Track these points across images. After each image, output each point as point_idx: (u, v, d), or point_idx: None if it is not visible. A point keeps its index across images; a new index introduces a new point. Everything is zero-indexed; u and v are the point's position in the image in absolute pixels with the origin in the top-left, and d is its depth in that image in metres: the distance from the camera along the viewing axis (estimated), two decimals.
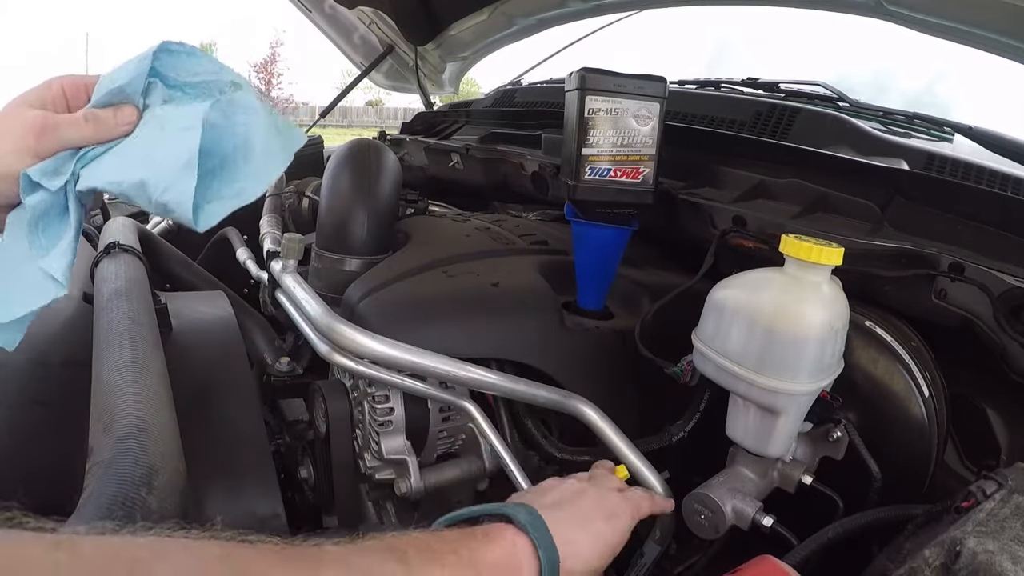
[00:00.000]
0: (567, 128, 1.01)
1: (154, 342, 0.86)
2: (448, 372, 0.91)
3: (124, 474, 0.57)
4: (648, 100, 0.99)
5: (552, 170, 1.40)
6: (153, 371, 0.78)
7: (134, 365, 0.76)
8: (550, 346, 1.02)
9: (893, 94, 1.59)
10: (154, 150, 0.61)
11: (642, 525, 0.99)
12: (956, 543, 0.54)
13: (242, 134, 0.63)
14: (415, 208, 1.41)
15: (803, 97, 1.44)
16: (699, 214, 1.11)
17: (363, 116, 29.42)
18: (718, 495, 0.83)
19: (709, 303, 0.85)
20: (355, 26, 2.37)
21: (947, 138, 1.28)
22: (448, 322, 0.99)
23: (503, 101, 1.99)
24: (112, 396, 0.70)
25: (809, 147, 1.11)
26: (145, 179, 0.59)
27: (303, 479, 1.20)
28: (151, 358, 0.80)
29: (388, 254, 1.16)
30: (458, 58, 2.43)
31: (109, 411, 0.67)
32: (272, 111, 0.66)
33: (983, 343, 0.85)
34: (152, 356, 0.81)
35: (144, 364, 0.78)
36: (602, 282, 1.09)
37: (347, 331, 0.90)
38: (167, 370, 0.84)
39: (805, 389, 0.78)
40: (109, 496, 0.54)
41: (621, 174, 1.00)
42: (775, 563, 0.64)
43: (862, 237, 0.93)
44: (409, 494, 0.98)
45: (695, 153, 1.24)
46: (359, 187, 1.15)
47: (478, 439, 1.02)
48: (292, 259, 1.14)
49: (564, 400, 0.95)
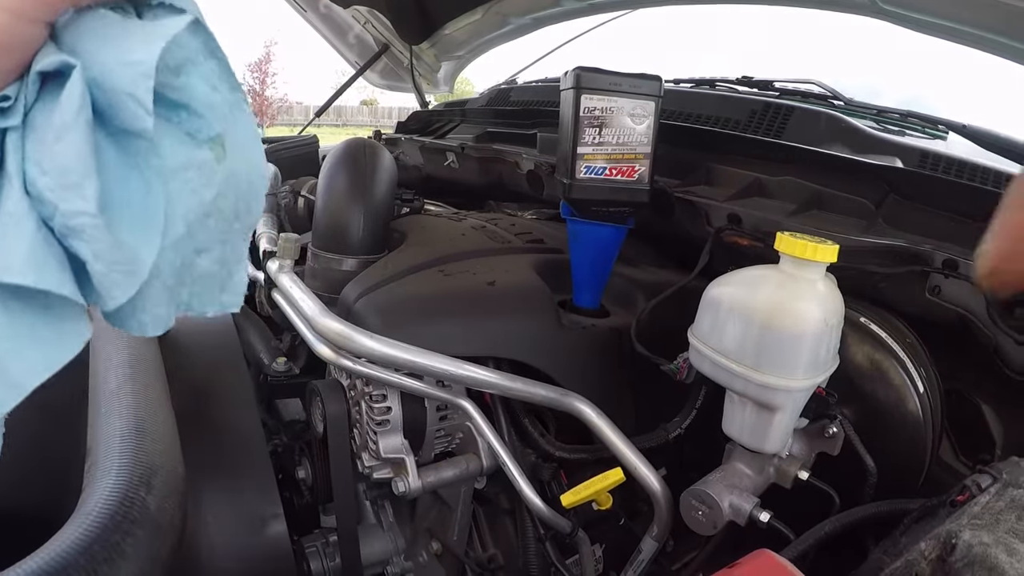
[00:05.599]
0: (562, 127, 1.02)
1: (151, 343, 0.86)
2: (445, 371, 0.91)
3: (123, 474, 0.57)
4: (643, 99, 0.99)
5: (548, 169, 1.40)
6: (150, 372, 0.78)
7: (131, 366, 0.76)
8: (547, 344, 1.02)
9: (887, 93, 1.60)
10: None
11: (640, 523, 0.99)
12: (952, 536, 0.55)
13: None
14: (411, 207, 1.42)
15: (798, 95, 1.44)
16: (694, 212, 1.12)
17: (358, 115, 29.37)
18: (715, 491, 0.83)
19: (705, 300, 0.86)
20: (350, 25, 2.37)
21: (941, 136, 1.29)
22: (445, 321, 0.99)
23: (498, 100, 1.99)
24: (110, 397, 0.70)
25: (804, 145, 1.11)
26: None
27: (301, 479, 1.20)
28: (148, 359, 0.80)
29: (384, 253, 1.16)
30: (453, 57, 2.43)
31: (107, 412, 0.67)
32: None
33: (977, 339, 0.85)
34: (149, 357, 0.81)
35: (141, 365, 0.78)
36: (598, 280, 1.09)
37: (344, 330, 0.91)
38: (164, 371, 0.84)
39: (801, 385, 0.78)
40: (108, 496, 0.54)
41: (616, 172, 1.01)
42: (772, 558, 0.65)
43: (857, 234, 0.93)
44: (407, 493, 0.98)
45: (690, 151, 1.25)
46: (355, 187, 1.15)
47: (476, 437, 1.02)
48: (288, 259, 1.14)
49: (561, 398, 0.95)
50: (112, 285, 0.31)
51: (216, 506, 0.93)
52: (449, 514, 1.09)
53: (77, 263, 0.30)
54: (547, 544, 1.00)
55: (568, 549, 1.03)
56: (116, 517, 0.54)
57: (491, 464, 1.02)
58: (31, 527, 0.56)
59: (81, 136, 0.29)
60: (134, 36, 0.31)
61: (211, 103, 0.33)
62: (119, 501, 0.54)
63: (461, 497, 1.07)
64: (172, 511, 0.60)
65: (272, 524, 0.97)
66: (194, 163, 0.32)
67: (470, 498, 1.08)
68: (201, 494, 0.90)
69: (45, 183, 0.28)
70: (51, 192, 0.28)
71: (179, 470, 0.67)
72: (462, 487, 1.07)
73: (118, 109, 0.30)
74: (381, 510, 1.23)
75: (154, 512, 0.57)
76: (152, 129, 0.30)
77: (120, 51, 0.30)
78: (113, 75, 0.30)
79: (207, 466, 0.93)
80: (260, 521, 0.97)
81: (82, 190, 0.29)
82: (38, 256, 0.29)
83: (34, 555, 0.52)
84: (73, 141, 0.29)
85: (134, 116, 0.30)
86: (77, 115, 0.29)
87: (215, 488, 0.94)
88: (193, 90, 0.32)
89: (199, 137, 0.33)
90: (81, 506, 0.54)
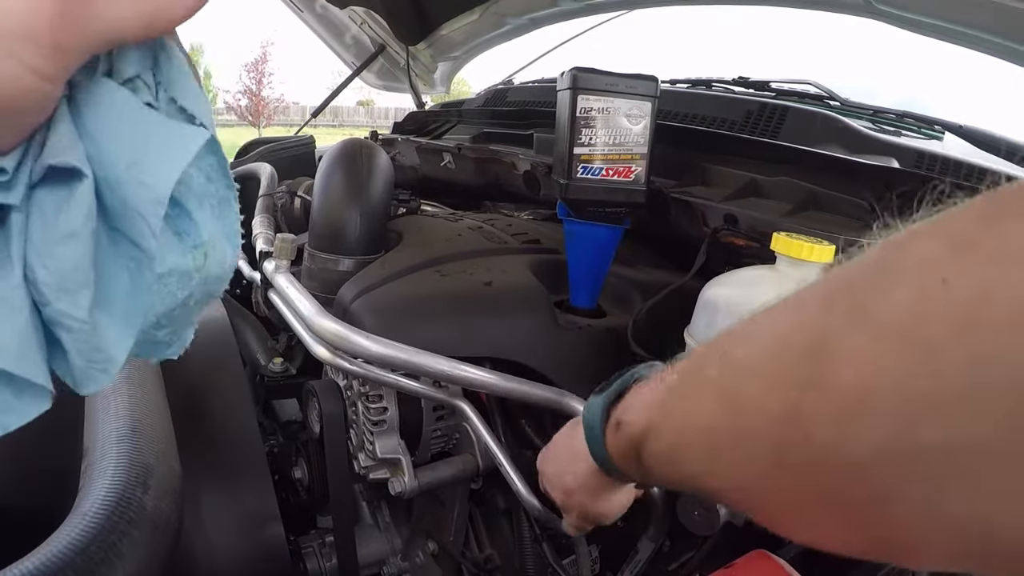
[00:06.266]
0: (559, 127, 1.02)
1: None
2: (442, 371, 0.91)
3: (119, 474, 0.57)
4: (640, 99, 0.99)
5: (544, 169, 1.40)
6: (146, 373, 0.78)
7: (127, 367, 0.76)
8: (543, 345, 1.02)
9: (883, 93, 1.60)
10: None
11: (637, 522, 0.99)
12: None
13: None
14: (407, 208, 1.42)
15: (794, 96, 1.45)
16: (691, 212, 1.12)
17: (354, 116, 29.38)
18: None
19: (701, 301, 0.86)
20: (346, 26, 2.37)
21: (937, 136, 1.29)
22: (441, 321, 0.99)
23: (495, 100, 1.99)
24: (106, 397, 0.70)
25: (800, 146, 1.12)
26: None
27: (297, 480, 1.20)
28: (145, 360, 0.80)
29: (381, 254, 1.16)
30: (449, 58, 2.43)
31: (103, 412, 0.67)
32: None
33: None
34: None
35: (137, 366, 0.78)
36: (594, 280, 1.09)
37: (341, 331, 0.91)
38: (160, 371, 0.84)
39: None
40: (104, 496, 0.54)
41: (613, 173, 1.01)
42: (769, 558, 0.65)
43: (853, 235, 0.93)
44: (403, 493, 0.98)
45: (686, 152, 1.25)
46: (351, 187, 1.15)
47: (472, 438, 1.02)
48: (285, 259, 1.14)
49: (558, 398, 0.95)
50: (87, 379, 0.32)
51: (213, 506, 0.92)
52: (446, 514, 1.09)
53: (57, 343, 0.31)
54: (544, 544, 1.00)
55: (565, 549, 1.03)
56: (113, 517, 0.54)
57: (488, 464, 1.02)
58: (28, 527, 0.56)
59: (84, 245, 0.29)
60: (151, 141, 0.30)
61: (203, 196, 0.33)
62: (116, 501, 0.54)
63: (458, 497, 1.07)
64: (168, 511, 0.60)
65: (268, 524, 0.97)
66: (177, 270, 0.32)
67: (467, 498, 1.08)
68: (198, 494, 0.90)
69: (43, 277, 0.28)
70: (47, 288, 0.28)
71: (176, 470, 0.67)
72: (458, 487, 1.07)
73: (124, 219, 0.30)
74: (378, 510, 1.23)
75: (151, 512, 0.57)
76: (153, 247, 0.30)
77: (136, 161, 0.29)
78: (126, 189, 0.29)
79: (203, 466, 0.93)
80: (256, 521, 0.97)
81: (77, 298, 0.29)
82: (25, 344, 0.29)
83: (31, 555, 0.52)
84: (76, 248, 0.28)
85: (139, 233, 0.30)
86: (84, 224, 0.28)
87: (212, 488, 0.94)
88: (191, 183, 0.32)
89: (186, 242, 0.33)
90: (78, 506, 0.54)
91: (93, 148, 0.29)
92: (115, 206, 0.30)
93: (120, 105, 0.30)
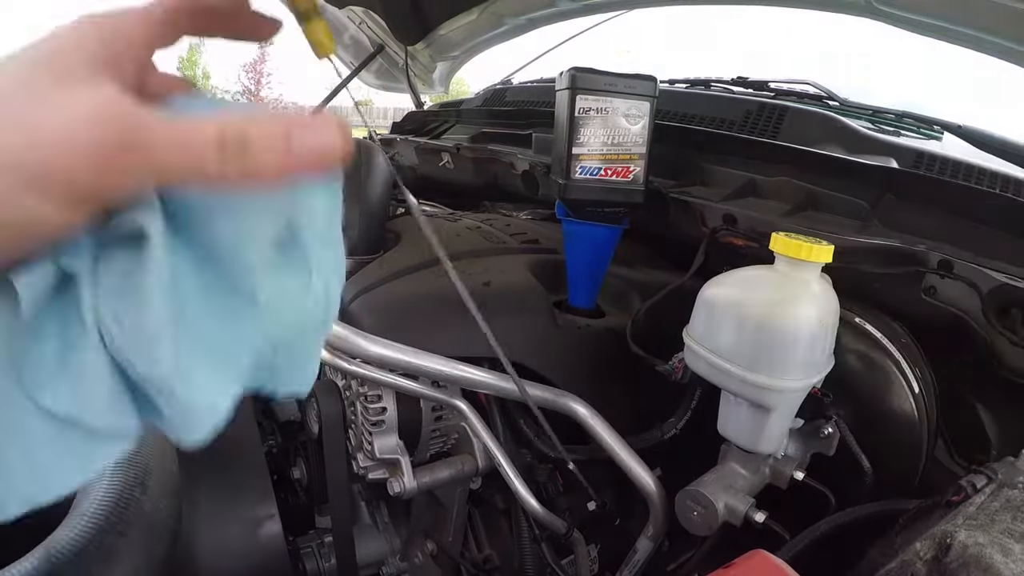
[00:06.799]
0: (558, 127, 1.02)
1: None
2: (440, 371, 0.91)
3: (117, 475, 0.57)
4: (638, 99, 0.99)
5: (543, 169, 1.40)
6: None
7: None
8: (542, 345, 1.02)
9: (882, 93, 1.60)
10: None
11: (635, 523, 0.99)
12: (947, 536, 0.55)
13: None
14: (405, 208, 1.41)
15: (793, 96, 1.44)
16: (690, 212, 1.12)
17: (353, 116, 29.29)
18: (711, 491, 0.83)
19: (700, 301, 0.86)
20: (345, 26, 2.37)
21: (936, 136, 1.29)
22: (440, 321, 0.99)
23: (493, 100, 1.99)
24: None
25: (799, 145, 1.11)
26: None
27: (296, 480, 1.20)
28: None
29: (379, 254, 1.16)
30: (448, 58, 2.42)
31: None
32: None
33: (972, 339, 0.85)
34: None
35: None
36: (593, 280, 1.09)
37: (339, 331, 0.90)
38: None
39: (796, 386, 0.78)
40: (103, 497, 0.54)
41: (611, 173, 1.01)
42: (767, 558, 0.65)
43: (852, 235, 0.93)
44: (402, 493, 0.98)
45: (685, 152, 1.25)
46: (350, 187, 1.14)
47: (471, 438, 1.02)
48: None
49: (556, 398, 0.95)
50: (187, 430, 0.29)
51: (211, 507, 0.92)
52: (444, 515, 1.09)
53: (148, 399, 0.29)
54: (543, 545, 1.00)
55: (564, 550, 1.03)
56: (111, 518, 0.54)
57: (486, 465, 1.02)
58: (26, 528, 0.56)
59: (160, 308, 0.26)
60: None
61: (318, 232, 0.32)
62: (114, 502, 0.54)
63: (456, 498, 1.07)
64: (167, 512, 0.60)
65: (267, 525, 0.97)
66: (282, 294, 0.30)
67: (465, 499, 1.08)
68: (196, 495, 0.89)
69: (120, 339, 0.26)
70: (126, 350, 0.26)
71: (174, 471, 0.67)
72: (457, 488, 1.07)
73: (219, 266, 0.28)
74: (376, 511, 1.23)
75: (149, 513, 0.57)
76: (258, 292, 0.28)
77: (234, 216, 0.28)
78: (220, 240, 0.28)
79: (202, 468, 0.92)
80: (255, 522, 0.96)
81: (159, 362, 0.27)
82: (116, 402, 0.27)
83: (29, 555, 0.52)
84: (152, 311, 0.26)
85: (236, 283, 0.28)
86: (155, 283, 0.26)
87: (210, 489, 0.93)
88: (312, 222, 0.32)
89: (295, 265, 0.31)
90: (76, 507, 0.54)
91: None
92: (207, 255, 0.28)
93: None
